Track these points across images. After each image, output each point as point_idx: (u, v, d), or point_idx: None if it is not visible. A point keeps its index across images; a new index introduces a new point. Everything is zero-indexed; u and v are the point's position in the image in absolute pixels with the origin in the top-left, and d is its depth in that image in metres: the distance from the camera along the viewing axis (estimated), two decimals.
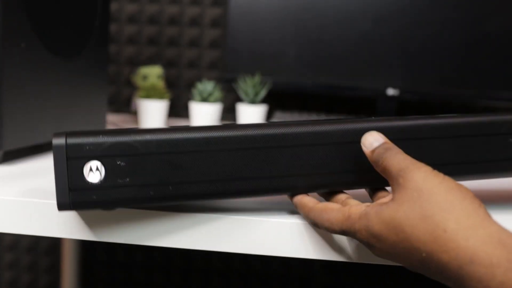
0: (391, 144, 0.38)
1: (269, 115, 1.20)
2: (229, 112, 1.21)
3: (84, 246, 1.25)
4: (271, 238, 0.42)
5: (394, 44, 1.02)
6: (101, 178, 0.37)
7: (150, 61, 1.21)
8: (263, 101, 1.20)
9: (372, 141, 0.38)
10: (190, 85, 1.20)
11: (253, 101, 0.99)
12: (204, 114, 0.92)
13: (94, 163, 0.37)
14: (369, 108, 1.17)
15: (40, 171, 0.54)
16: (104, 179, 0.37)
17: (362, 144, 0.39)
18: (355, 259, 0.42)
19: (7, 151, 0.56)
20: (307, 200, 0.41)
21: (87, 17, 0.70)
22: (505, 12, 0.99)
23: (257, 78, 0.97)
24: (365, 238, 0.36)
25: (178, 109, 1.21)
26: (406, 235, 0.33)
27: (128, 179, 0.38)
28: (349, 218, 0.37)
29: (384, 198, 0.40)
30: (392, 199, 0.35)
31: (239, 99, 1.21)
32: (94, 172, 0.37)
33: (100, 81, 0.74)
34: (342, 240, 0.42)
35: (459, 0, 1.00)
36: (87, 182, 0.37)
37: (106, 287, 1.26)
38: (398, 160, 0.36)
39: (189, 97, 1.20)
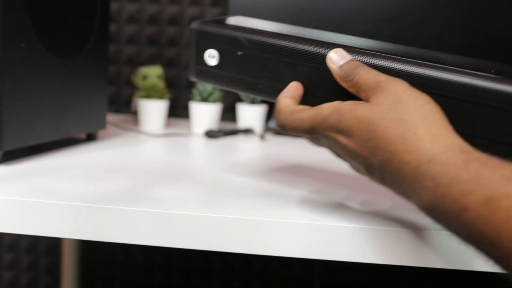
0: (358, 62, 0.40)
1: (269, 115, 1.20)
2: (229, 112, 1.21)
3: (84, 246, 1.25)
4: (271, 238, 0.42)
5: None
6: (216, 63, 0.47)
7: (150, 61, 1.21)
8: (263, 101, 1.20)
9: (338, 58, 0.41)
10: (190, 85, 1.20)
11: (253, 101, 0.99)
12: (204, 114, 0.92)
13: (213, 51, 0.47)
14: None
15: (40, 171, 0.54)
16: (218, 64, 0.47)
17: (328, 61, 0.41)
18: (355, 259, 0.42)
19: (7, 151, 0.56)
20: (282, 104, 0.42)
21: (87, 17, 0.70)
22: (505, 12, 0.99)
23: None
24: (332, 135, 0.38)
25: (178, 109, 1.21)
26: (377, 134, 0.36)
27: (233, 68, 0.46)
28: (320, 114, 0.39)
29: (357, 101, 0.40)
30: (369, 102, 0.37)
31: (239, 99, 1.21)
32: (212, 58, 0.47)
33: (100, 81, 0.74)
34: (343, 240, 0.42)
35: (459, 0, 1.00)
36: (206, 64, 0.48)
37: (106, 287, 1.26)
38: (374, 74, 0.38)
39: (189, 97, 1.20)
